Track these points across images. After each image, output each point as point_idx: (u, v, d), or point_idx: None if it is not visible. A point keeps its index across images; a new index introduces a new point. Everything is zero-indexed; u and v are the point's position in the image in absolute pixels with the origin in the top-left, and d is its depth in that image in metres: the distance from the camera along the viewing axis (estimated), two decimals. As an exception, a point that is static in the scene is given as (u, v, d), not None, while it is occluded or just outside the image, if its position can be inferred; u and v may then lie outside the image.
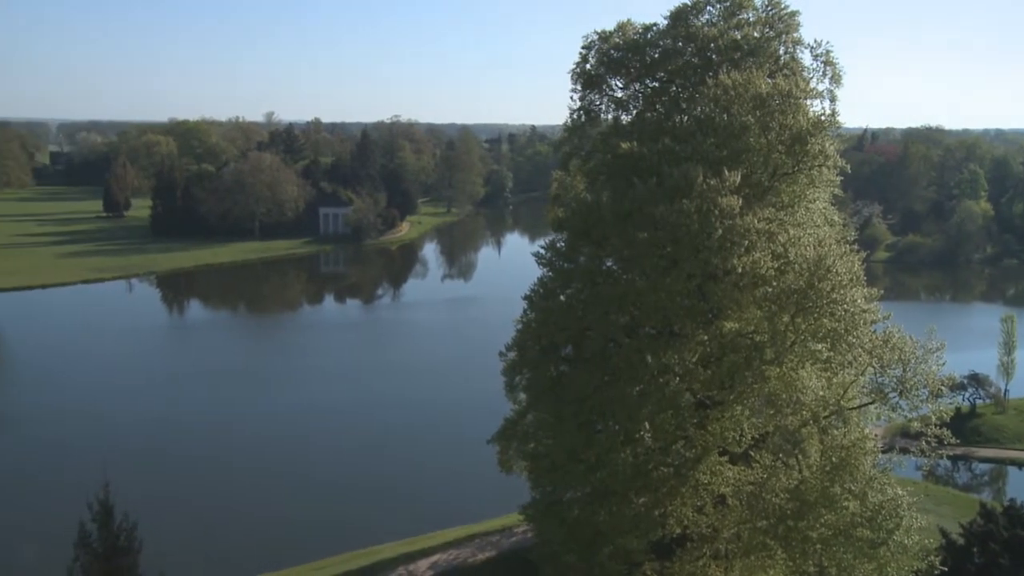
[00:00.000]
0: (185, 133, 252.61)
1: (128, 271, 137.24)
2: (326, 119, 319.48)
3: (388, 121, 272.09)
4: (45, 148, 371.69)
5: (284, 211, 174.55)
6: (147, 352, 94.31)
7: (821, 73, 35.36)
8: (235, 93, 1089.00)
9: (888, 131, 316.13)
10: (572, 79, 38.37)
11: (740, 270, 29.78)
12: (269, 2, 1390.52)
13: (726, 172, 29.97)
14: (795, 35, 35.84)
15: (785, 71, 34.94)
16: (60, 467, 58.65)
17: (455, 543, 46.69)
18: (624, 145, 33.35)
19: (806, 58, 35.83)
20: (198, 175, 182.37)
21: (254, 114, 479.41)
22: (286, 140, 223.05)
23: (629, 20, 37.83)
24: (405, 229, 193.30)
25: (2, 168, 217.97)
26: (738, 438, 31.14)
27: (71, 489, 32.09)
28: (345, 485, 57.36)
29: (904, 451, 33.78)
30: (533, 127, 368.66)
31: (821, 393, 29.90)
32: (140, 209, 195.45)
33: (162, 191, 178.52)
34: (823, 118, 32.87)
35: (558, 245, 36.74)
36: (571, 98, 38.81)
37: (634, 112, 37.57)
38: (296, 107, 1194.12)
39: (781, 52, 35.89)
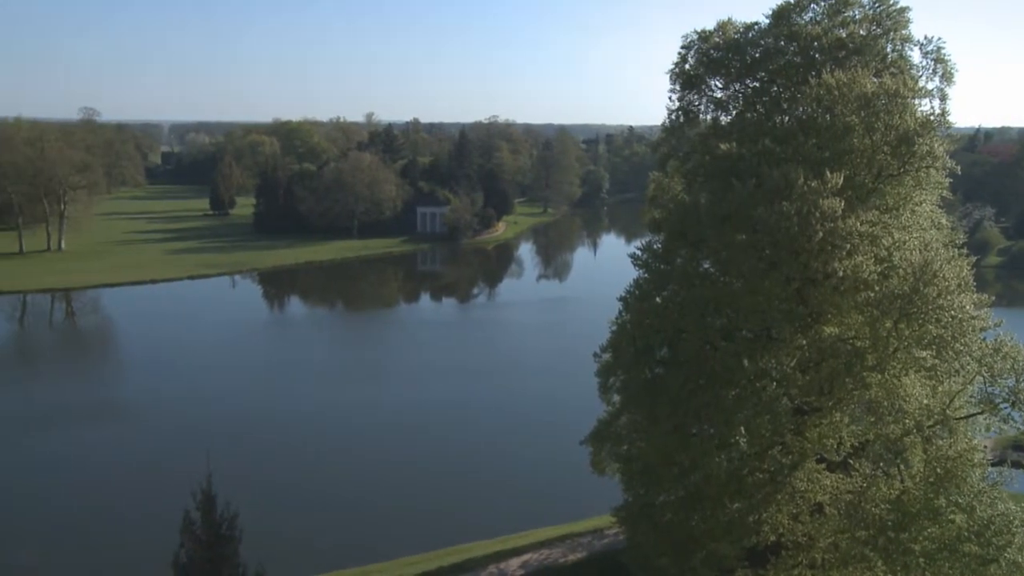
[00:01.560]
0: (288, 133, 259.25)
1: (232, 268, 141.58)
2: (425, 119, 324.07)
3: (486, 121, 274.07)
4: (157, 148, 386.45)
5: (382, 210, 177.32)
6: (249, 346, 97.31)
7: (931, 71, 34.10)
8: (337, 94, 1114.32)
9: (1003, 130, 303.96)
10: (671, 79, 37.96)
11: (841, 274, 29.09)
12: (372, 7, 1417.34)
13: (828, 173, 29.28)
14: (904, 32, 34.68)
15: (892, 69, 33.87)
16: (168, 455, 60.84)
17: (546, 543, 46.73)
18: (723, 146, 32.94)
19: (915, 55, 34.65)
20: (300, 174, 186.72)
21: (355, 114, 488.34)
22: (385, 140, 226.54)
23: (730, 19, 37.25)
24: (501, 229, 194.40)
25: (119, 168, 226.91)
26: (836, 445, 30.39)
27: (178, 476, 33.27)
28: (437, 481, 57.97)
29: (1017, 465, 32.48)
30: (631, 127, 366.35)
31: (925, 402, 28.94)
32: (244, 207, 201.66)
33: (265, 190, 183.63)
34: (932, 118, 31.75)
35: (654, 247, 36.48)
36: (669, 98, 38.39)
37: (734, 112, 36.97)
38: (396, 108, 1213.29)
39: (888, 50, 34.80)
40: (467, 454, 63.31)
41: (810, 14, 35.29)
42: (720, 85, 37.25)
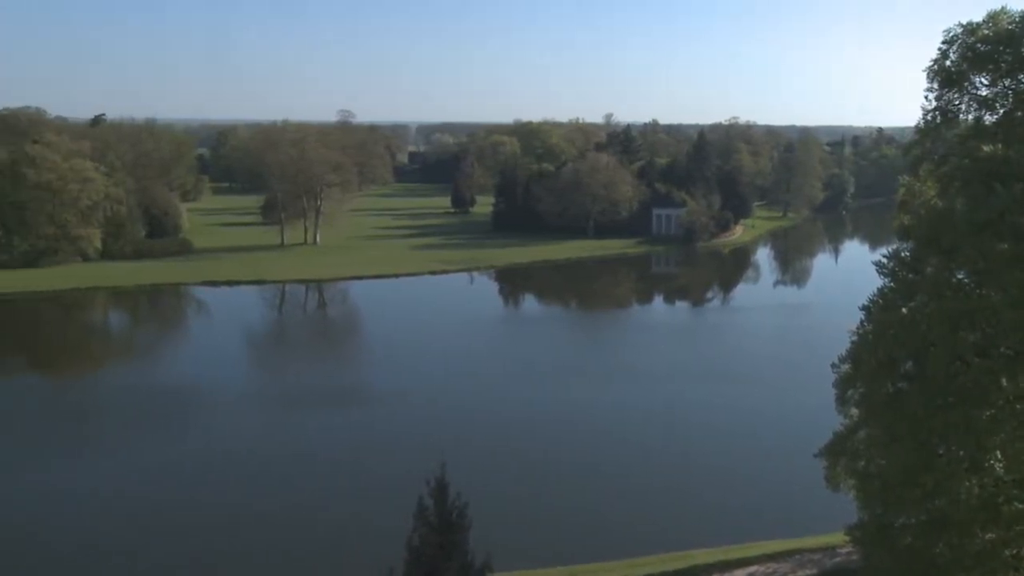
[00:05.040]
0: (528, 134, 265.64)
1: (470, 264, 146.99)
2: (663, 121, 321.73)
3: (725, 123, 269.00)
4: (405, 148, 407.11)
5: (618, 211, 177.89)
6: (484, 341, 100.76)
7: None
8: (577, 95, 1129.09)
9: None
10: (928, 77, 35.45)
11: (1123, 290, 26.26)
12: (615, 11, 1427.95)
13: (1112, 178, 26.51)
14: None
15: None
16: (404, 442, 64.14)
17: (774, 556, 45.27)
18: (986, 148, 30.49)
19: None
20: (538, 174, 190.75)
21: (593, 115, 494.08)
22: (623, 141, 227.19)
23: (1003, 9, 34.39)
24: (738, 232, 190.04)
25: (370, 167, 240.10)
26: (1113, 482, 27.50)
27: (412, 465, 34.91)
28: (660, 486, 57.54)
29: None
30: (879, 129, 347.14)
31: None
32: (483, 206, 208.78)
33: (504, 189, 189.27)
34: None
35: (902, 254, 34.40)
36: (925, 98, 35.81)
37: (1000, 111, 34.12)
38: (635, 109, 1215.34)
39: None
40: (690, 460, 62.38)
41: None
42: (986, 82, 34.42)
